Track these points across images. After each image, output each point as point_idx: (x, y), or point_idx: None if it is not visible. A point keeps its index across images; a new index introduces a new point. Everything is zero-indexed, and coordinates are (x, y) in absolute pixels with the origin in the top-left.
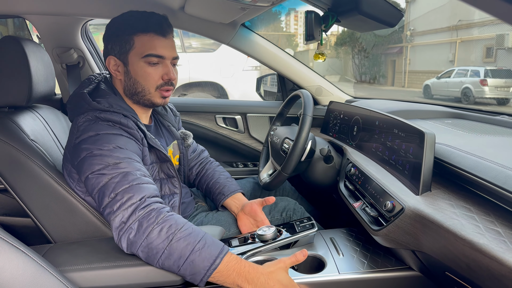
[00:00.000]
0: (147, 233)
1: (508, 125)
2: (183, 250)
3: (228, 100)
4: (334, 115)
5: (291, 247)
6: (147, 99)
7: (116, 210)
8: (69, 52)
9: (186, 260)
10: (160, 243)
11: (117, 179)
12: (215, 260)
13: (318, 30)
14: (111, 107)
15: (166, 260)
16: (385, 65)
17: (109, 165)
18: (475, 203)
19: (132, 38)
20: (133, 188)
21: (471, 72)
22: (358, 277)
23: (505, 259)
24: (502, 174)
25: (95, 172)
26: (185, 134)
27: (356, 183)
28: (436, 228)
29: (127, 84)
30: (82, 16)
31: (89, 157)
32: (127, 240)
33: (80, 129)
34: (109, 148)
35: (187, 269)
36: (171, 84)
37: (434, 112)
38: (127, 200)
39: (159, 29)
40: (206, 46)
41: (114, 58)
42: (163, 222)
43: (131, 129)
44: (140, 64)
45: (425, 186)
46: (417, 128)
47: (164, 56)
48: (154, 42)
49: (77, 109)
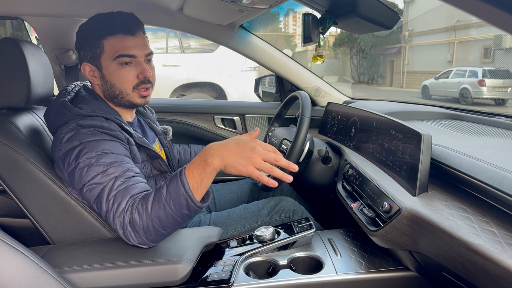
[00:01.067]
0: (136, 224)
1: (504, 127)
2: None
3: (226, 101)
4: (332, 116)
5: (289, 248)
6: (126, 101)
7: (113, 219)
8: (68, 53)
9: (170, 207)
10: (146, 219)
11: (108, 188)
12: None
13: (315, 32)
14: (93, 111)
15: (162, 223)
16: (384, 66)
17: (98, 174)
18: (471, 204)
19: (101, 42)
20: (120, 193)
21: (469, 72)
22: (355, 277)
23: (500, 259)
24: (497, 175)
25: (87, 184)
26: (166, 128)
27: (354, 184)
28: (432, 228)
29: (105, 89)
30: (81, 18)
31: (78, 170)
32: (136, 241)
33: (62, 141)
34: (94, 156)
35: (179, 210)
36: (148, 82)
37: (431, 113)
38: (117, 207)
39: (125, 29)
40: (205, 46)
41: (88, 64)
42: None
43: (113, 131)
44: (113, 66)
45: (422, 187)
46: (413, 129)
47: (136, 55)
48: (123, 43)
49: (59, 118)
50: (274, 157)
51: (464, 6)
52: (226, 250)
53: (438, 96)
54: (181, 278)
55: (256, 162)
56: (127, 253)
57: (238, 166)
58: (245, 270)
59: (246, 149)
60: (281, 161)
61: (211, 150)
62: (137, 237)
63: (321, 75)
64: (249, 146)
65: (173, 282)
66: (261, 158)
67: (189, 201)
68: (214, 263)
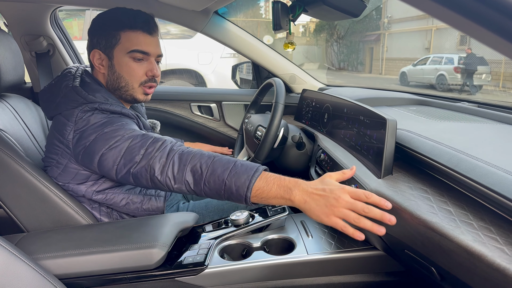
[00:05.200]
0: (190, 158)
1: (466, 111)
2: (226, 164)
3: (203, 88)
4: (307, 103)
5: (263, 231)
6: (129, 95)
7: (154, 155)
8: (38, 40)
9: (229, 172)
10: (204, 162)
11: (138, 140)
12: (255, 172)
13: (285, 19)
14: (107, 100)
15: (211, 176)
16: (363, 53)
17: (124, 135)
18: (432, 185)
19: (118, 34)
20: (160, 138)
21: (445, 59)
22: (325, 257)
23: (454, 235)
24: (455, 157)
25: (112, 145)
26: (154, 123)
27: (326, 168)
28: (395, 209)
29: (110, 79)
30: (51, 3)
31: (100, 136)
32: (172, 173)
33: (80, 121)
34: (118, 124)
35: (232, 181)
36: (154, 81)
37: (400, 99)
38: (161, 145)
39: (146, 26)
40: (185, 32)
41: (99, 52)
42: (199, 152)
43: (132, 118)
44: (125, 59)
45: (387, 170)
46: (380, 114)
47: (149, 53)
48: (140, 39)
49: (69, 103)
50: (362, 208)
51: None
52: (202, 234)
53: (416, 82)
54: (156, 262)
55: (340, 212)
56: (101, 239)
57: (320, 215)
58: (219, 253)
59: (330, 198)
60: (372, 212)
61: (300, 187)
62: (179, 170)
63: (302, 62)
64: (334, 194)
65: (148, 266)
66: (346, 208)
67: (243, 188)
68: (189, 247)
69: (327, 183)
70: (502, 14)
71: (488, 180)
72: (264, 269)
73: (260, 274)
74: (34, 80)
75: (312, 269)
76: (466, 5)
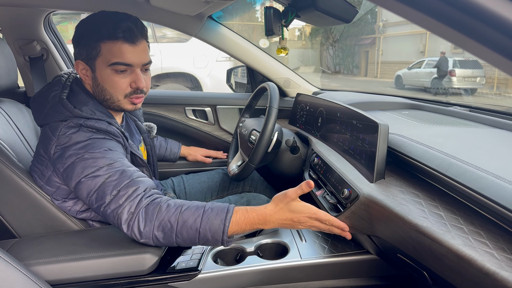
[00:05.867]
0: (156, 213)
1: (458, 116)
2: (195, 211)
3: (198, 92)
4: (301, 107)
5: (257, 235)
6: (116, 106)
7: (123, 203)
8: (32, 44)
9: (201, 220)
10: (172, 215)
11: (115, 177)
12: (227, 214)
13: (277, 25)
14: (94, 114)
15: (183, 228)
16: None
17: (102, 166)
18: (423, 189)
19: (99, 45)
20: (136, 181)
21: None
22: (319, 261)
23: (444, 239)
24: (445, 162)
25: (89, 175)
26: (150, 126)
27: (319, 172)
28: (387, 213)
29: (95, 90)
30: (45, 8)
31: (80, 162)
32: (138, 228)
33: (63, 136)
34: (100, 151)
35: (207, 228)
36: (140, 92)
37: (393, 103)
38: (133, 192)
39: (127, 36)
40: (181, 36)
41: (82, 63)
42: (167, 201)
43: (117, 137)
44: (107, 72)
45: (379, 174)
46: (372, 119)
47: (132, 64)
48: (121, 50)
49: (55, 115)
50: (327, 228)
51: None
52: None
53: (411, 85)
54: (149, 268)
55: (306, 225)
56: (94, 244)
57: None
58: (213, 258)
59: (299, 226)
60: (334, 230)
61: (269, 223)
62: (146, 226)
63: (298, 66)
64: (303, 224)
65: (141, 271)
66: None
67: (222, 230)
68: (182, 252)
69: (294, 210)
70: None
71: (477, 184)
72: (258, 274)
73: (253, 279)
74: (27, 85)
75: (305, 274)
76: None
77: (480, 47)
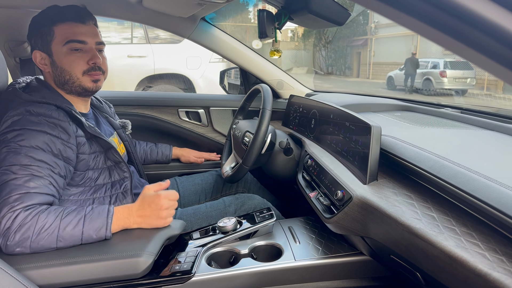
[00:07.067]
0: (35, 223)
1: (449, 117)
2: (76, 216)
3: (191, 94)
4: (294, 109)
5: (251, 237)
6: (77, 85)
7: (6, 212)
8: (23, 45)
9: (84, 221)
10: (53, 222)
11: (19, 182)
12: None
13: (271, 28)
14: (44, 98)
15: (64, 232)
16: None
17: (17, 164)
18: (416, 191)
19: (51, 29)
20: (28, 195)
21: (431, 64)
22: (312, 263)
23: (437, 241)
24: (437, 164)
25: (3, 168)
26: (124, 122)
27: (312, 174)
28: (380, 215)
29: (55, 75)
30: (35, 9)
31: (5, 151)
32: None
33: (6, 123)
34: (27, 147)
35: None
36: (98, 68)
37: (385, 105)
38: (18, 204)
39: (76, 17)
40: (174, 37)
41: (39, 52)
42: (46, 209)
43: (61, 121)
44: (63, 51)
45: (372, 176)
46: (365, 121)
47: (86, 41)
48: (73, 29)
49: (7, 105)
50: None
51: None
52: (189, 242)
53: (403, 86)
54: (142, 271)
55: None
56: (87, 248)
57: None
58: (207, 261)
59: (157, 209)
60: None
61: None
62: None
63: (291, 67)
64: (153, 204)
65: (135, 275)
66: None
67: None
68: (176, 255)
69: (144, 197)
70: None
71: (469, 186)
72: (252, 276)
73: (248, 281)
74: None
75: (300, 275)
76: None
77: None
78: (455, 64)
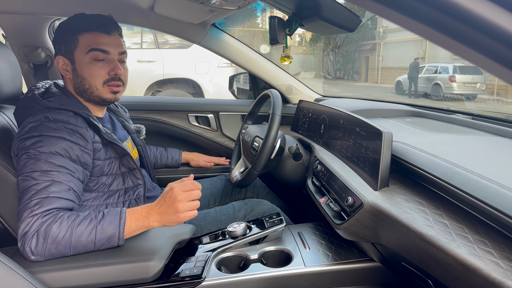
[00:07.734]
0: (48, 233)
1: (461, 123)
2: (88, 226)
3: (200, 99)
4: (303, 114)
5: (260, 242)
6: (96, 96)
7: (25, 216)
8: (37, 51)
9: (96, 232)
10: (65, 233)
11: (40, 187)
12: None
13: (282, 34)
14: (62, 105)
15: (78, 243)
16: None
17: (38, 170)
18: (427, 197)
19: (76, 37)
20: (48, 199)
21: (440, 68)
22: (322, 269)
23: (450, 248)
24: (449, 170)
25: (24, 174)
26: (139, 127)
27: (322, 179)
28: (391, 221)
29: (76, 82)
30: (49, 15)
31: (25, 158)
32: (31, 248)
33: (25, 129)
34: (46, 153)
35: (103, 238)
36: (119, 79)
37: (395, 110)
38: (37, 208)
39: (102, 27)
40: (183, 42)
41: (62, 58)
42: (59, 218)
43: (79, 128)
44: (85, 60)
45: (383, 182)
46: (376, 127)
47: (109, 52)
48: (97, 39)
49: (27, 111)
50: (196, 194)
51: None
52: (199, 246)
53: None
54: (153, 275)
55: (183, 207)
56: (98, 252)
57: (173, 220)
58: (217, 266)
59: (170, 202)
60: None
61: (152, 210)
62: (38, 244)
63: (298, 71)
64: (170, 198)
65: (145, 279)
66: (185, 201)
67: (116, 236)
68: (186, 259)
69: (164, 193)
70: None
71: (482, 193)
72: (262, 281)
73: (257, 286)
74: None
75: (309, 281)
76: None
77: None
78: (464, 68)
